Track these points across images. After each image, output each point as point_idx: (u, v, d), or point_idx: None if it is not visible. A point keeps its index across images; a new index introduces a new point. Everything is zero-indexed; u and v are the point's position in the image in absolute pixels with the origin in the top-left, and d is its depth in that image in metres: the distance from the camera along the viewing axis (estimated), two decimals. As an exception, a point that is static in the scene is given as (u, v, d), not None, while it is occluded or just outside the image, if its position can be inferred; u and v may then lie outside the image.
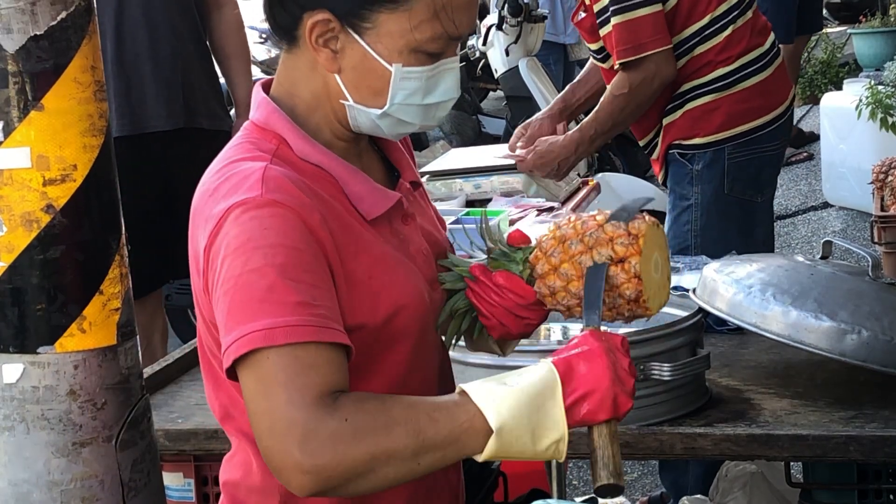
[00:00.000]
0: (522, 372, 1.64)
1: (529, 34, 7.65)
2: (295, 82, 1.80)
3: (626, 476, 4.66)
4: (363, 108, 1.76)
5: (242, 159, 1.73)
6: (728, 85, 3.56)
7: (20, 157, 1.65)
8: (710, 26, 3.56)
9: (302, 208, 1.66)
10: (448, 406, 1.61)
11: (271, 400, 1.57)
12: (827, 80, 9.67)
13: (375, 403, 1.60)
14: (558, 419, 1.62)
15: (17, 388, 1.69)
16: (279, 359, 1.58)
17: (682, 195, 3.62)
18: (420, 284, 1.80)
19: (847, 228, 7.16)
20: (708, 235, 3.56)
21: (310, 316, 1.60)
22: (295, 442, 1.55)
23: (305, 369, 1.58)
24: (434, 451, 1.59)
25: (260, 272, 1.61)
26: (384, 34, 1.71)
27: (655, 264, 1.77)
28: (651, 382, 2.30)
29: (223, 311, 1.63)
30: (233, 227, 1.64)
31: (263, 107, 1.80)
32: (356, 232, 1.74)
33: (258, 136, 1.78)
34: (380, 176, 1.87)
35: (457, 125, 9.28)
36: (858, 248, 2.71)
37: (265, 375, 1.59)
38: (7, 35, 1.64)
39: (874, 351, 2.30)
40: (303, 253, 1.64)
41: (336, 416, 1.56)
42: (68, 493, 1.70)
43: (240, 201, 1.65)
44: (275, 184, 1.67)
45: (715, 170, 3.57)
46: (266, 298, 1.60)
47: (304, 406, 1.56)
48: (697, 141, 3.57)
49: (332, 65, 1.74)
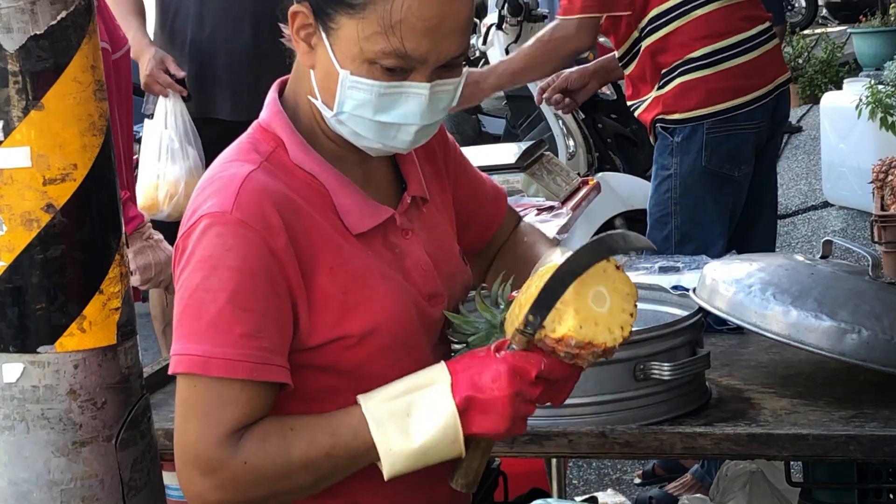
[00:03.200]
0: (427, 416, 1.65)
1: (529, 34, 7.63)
2: (299, 79, 1.81)
3: (625, 476, 4.67)
4: (324, 107, 1.76)
5: (235, 161, 1.76)
6: (709, 64, 3.78)
7: (20, 157, 1.65)
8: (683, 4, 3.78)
9: (268, 231, 1.68)
10: (347, 442, 1.67)
11: (187, 427, 1.68)
12: (827, 79, 9.68)
13: (275, 443, 1.66)
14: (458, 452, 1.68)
15: (17, 388, 1.69)
16: (205, 389, 1.67)
17: (664, 165, 3.86)
18: (404, 302, 1.79)
19: (847, 228, 7.16)
20: (685, 203, 3.81)
21: (251, 350, 1.66)
22: (201, 475, 1.66)
23: (222, 407, 1.66)
24: (330, 479, 1.70)
25: (213, 294, 1.66)
26: (342, 38, 1.70)
27: (595, 298, 1.68)
28: (651, 382, 2.30)
29: (177, 313, 1.70)
30: (200, 238, 1.69)
31: (270, 108, 1.81)
32: (336, 245, 1.74)
33: (259, 137, 1.79)
34: (385, 186, 1.85)
35: (457, 125, 9.27)
36: (858, 247, 2.71)
37: (187, 400, 1.68)
38: (7, 34, 1.64)
39: (874, 350, 2.30)
40: (258, 280, 1.67)
41: (237, 458, 1.65)
42: (68, 492, 1.70)
43: (210, 213, 1.69)
44: (248, 199, 1.69)
45: (693, 143, 3.80)
46: (212, 323, 1.66)
47: (208, 444, 1.66)
48: (678, 116, 3.81)
49: (308, 59, 1.76)
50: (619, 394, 2.30)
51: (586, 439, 2.28)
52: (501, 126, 9.22)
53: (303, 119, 1.79)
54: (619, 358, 2.30)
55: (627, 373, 2.30)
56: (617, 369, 2.30)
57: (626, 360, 2.30)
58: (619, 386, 2.30)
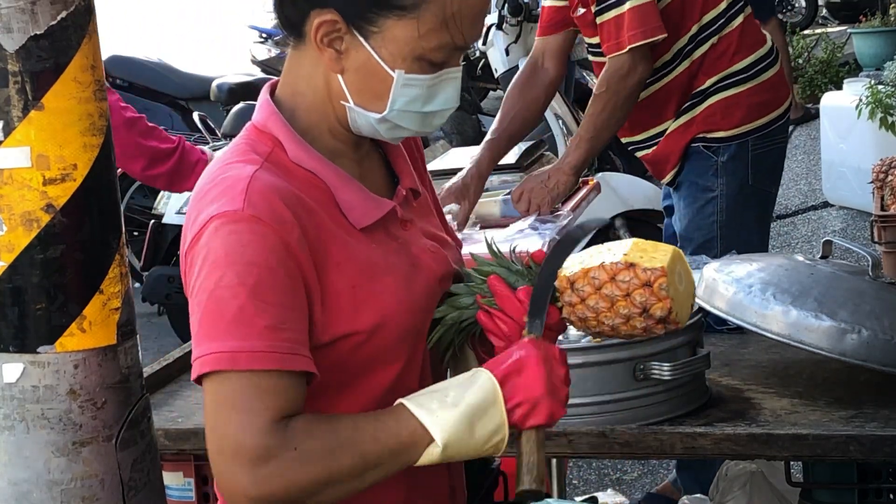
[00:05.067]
0: (463, 385, 1.69)
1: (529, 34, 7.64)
2: (299, 80, 1.80)
3: (625, 476, 4.67)
4: (363, 111, 1.76)
5: (235, 162, 1.74)
6: (748, 78, 3.64)
7: (20, 157, 1.65)
8: (727, 11, 3.63)
9: (281, 226, 1.67)
10: (390, 424, 1.66)
11: (225, 423, 1.63)
12: (827, 79, 9.67)
13: (323, 430, 1.64)
14: (501, 422, 1.68)
15: (17, 388, 1.69)
16: (238, 384, 1.62)
17: (706, 187, 3.65)
18: (411, 294, 1.79)
19: (847, 228, 7.16)
20: (732, 226, 3.60)
21: (276, 341, 1.64)
22: (243, 469, 1.60)
23: (261, 396, 1.62)
24: (377, 469, 1.67)
25: (232, 290, 1.64)
26: (390, 39, 1.71)
27: (679, 277, 1.77)
28: (651, 382, 2.30)
29: (195, 321, 1.67)
30: (212, 239, 1.66)
31: (264, 109, 1.80)
32: (341, 241, 1.74)
33: (256, 138, 1.78)
34: (380, 181, 1.86)
35: (457, 125, 9.27)
36: (858, 247, 2.71)
37: (223, 398, 1.63)
38: (7, 35, 1.64)
39: (874, 350, 2.30)
40: (277, 273, 1.66)
41: (285, 445, 1.61)
42: (68, 492, 1.70)
43: (221, 213, 1.67)
44: (258, 197, 1.68)
45: (739, 161, 3.63)
46: (235, 320, 1.63)
47: (254, 433, 1.61)
48: (722, 134, 3.63)
49: (336, 65, 1.74)
50: (619, 394, 2.31)
51: (586, 439, 2.28)
52: (501, 126, 9.21)
53: (300, 119, 1.79)
54: (620, 358, 2.31)
55: (627, 373, 2.30)
56: (617, 369, 2.30)
57: (626, 360, 2.31)
58: (619, 386, 2.30)
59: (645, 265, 1.73)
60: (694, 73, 3.63)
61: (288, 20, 1.77)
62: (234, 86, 8.47)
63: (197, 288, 1.67)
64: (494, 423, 1.67)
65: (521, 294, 1.78)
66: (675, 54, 3.62)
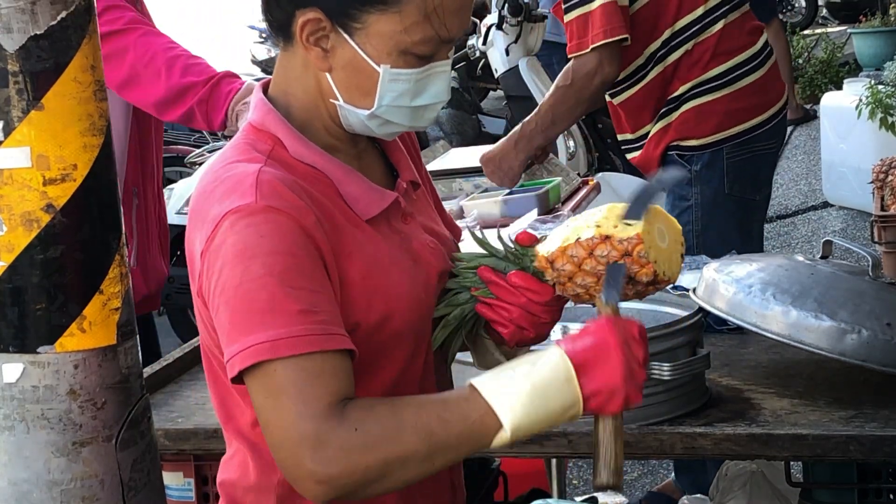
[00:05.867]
0: (535, 362, 1.63)
1: (529, 34, 7.65)
2: (290, 81, 1.80)
3: (625, 476, 4.67)
4: (352, 108, 1.76)
5: (238, 161, 1.73)
6: (723, 85, 3.57)
7: (20, 157, 1.65)
8: (703, 18, 3.57)
9: (297, 211, 1.66)
10: (459, 405, 1.62)
11: (281, 413, 1.59)
12: (827, 79, 9.68)
13: (385, 409, 1.61)
14: (575, 395, 1.62)
15: (17, 388, 1.69)
16: (285, 371, 1.60)
17: (682, 196, 3.61)
18: (415, 287, 1.79)
19: (847, 228, 7.16)
20: (709, 235, 3.55)
21: (312, 324, 1.61)
22: (307, 453, 1.57)
23: (312, 379, 1.59)
24: (446, 452, 1.62)
25: (260, 282, 1.61)
26: (374, 35, 1.71)
27: (660, 234, 1.76)
28: (651, 382, 2.30)
29: (224, 320, 1.64)
30: (229, 235, 1.64)
31: (260, 108, 1.80)
32: (350, 233, 1.74)
33: (254, 137, 1.78)
34: (379, 176, 1.87)
35: (457, 125, 9.27)
36: (858, 247, 2.71)
37: (273, 388, 1.60)
38: (7, 35, 1.64)
39: (874, 350, 2.30)
40: (300, 258, 1.64)
41: (346, 426, 1.58)
42: (68, 492, 1.70)
43: (234, 208, 1.65)
44: (269, 188, 1.67)
45: (714, 170, 3.57)
46: (268, 309, 1.61)
47: (313, 417, 1.58)
48: (694, 142, 3.58)
49: (323, 63, 1.74)
50: (619, 394, 2.30)
51: (586, 439, 2.28)
52: (501, 126, 9.23)
53: (296, 116, 1.79)
54: (619, 358, 2.31)
55: (627, 373, 2.30)
56: (617, 369, 2.30)
57: (626, 360, 2.30)
58: (619, 386, 2.30)
59: (620, 235, 1.71)
60: (668, 78, 3.59)
61: (275, 22, 1.77)
62: (233, 86, 8.45)
63: (220, 286, 1.64)
64: (568, 398, 1.62)
65: (512, 279, 1.78)
66: (648, 58, 3.59)
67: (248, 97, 3.25)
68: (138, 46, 3.29)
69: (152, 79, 3.28)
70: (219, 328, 1.65)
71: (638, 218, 1.73)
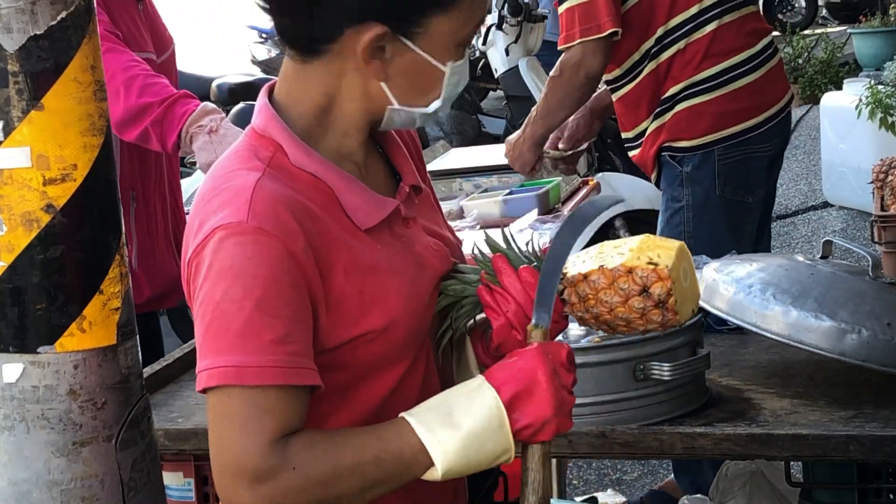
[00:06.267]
0: (471, 405, 1.66)
1: (529, 34, 7.65)
2: (305, 91, 1.77)
3: (625, 476, 4.67)
4: (409, 109, 1.77)
5: (238, 169, 1.73)
6: (717, 86, 3.56)
7: (20, 157, 1.65)
8: (697, 17, 3.57)
9: (287, 236, 1.66)
10: (394, 443, 1.66)
11: (227, 440, 1.63)
12: (827, 79, 9.67)
13: (324, 449, 1.64)
14: (507, 443, 1.67)
15: (17, 388, 1.69)
16: (241, 400, 1.62)
17: (674, 197, 3.62)
18: (416, 294, 1.78)
19: (847, 228, 7.16)
20: (700, 236, 3.55)
21: (282, 355, 1.63)
22: (244, 485, 1.61)
23: (264, 415, 1.62)
24: (377, 487, 1.67)
25: (239, 304, 1.63)
26: (436, 35, 1.72)
27: (684, 273, 1.76)
28: (651, 382, 2.30)
29: (199, 332, 1.66)
30: (216, 250, 1.65)
31: (263, 113, 1.79)
32: (347, 245, 1.73)
33: (256, 143, 1.77)
34: (382, 179, 1.86)
35: (457, 125, 9.27)
36: (858, 247, 2.71)
37: (226, 412, 1.63)
38: (7, 35, 1.64)
39: (874, 350, 2.30)
40: (282, 285, 1.65)
41: (286, 466, 1.61)
42: (68, 492, 1.70)
43: (225, 224, 1.66)
44: (262, 207, 1.67)
45: (705, 172, 3.57)
46: (241, 333, 1.63)
47: (255, 453, 1.61)
48: (685, 143, 3.58)
49: (381, 74, 1.74)
50: (619, 394, 2.30)
51: (586, 439, 2.28)
52: (501, 126, 9.23)
53: (298, 122, 1.78)
54: (619, 358, 2.31)
55: (627, 373, 2.30)
56: (617, 369, 2.30)
57: (626, 360, 2.30)
58: (619, 386, 2.30)
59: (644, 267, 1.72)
60: (662, 77, 3.59)
61: (305, 36, 1.74)
62: (234, 86, 8.47)
63: (201, 299, 1.66)
64: (500, 446, 1.66)
65: (523, 273, 1.78)
66: (644, 55, 3.59)
67: (202, 119, 3.25)
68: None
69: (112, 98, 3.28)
70: (196, 339, 1.68)
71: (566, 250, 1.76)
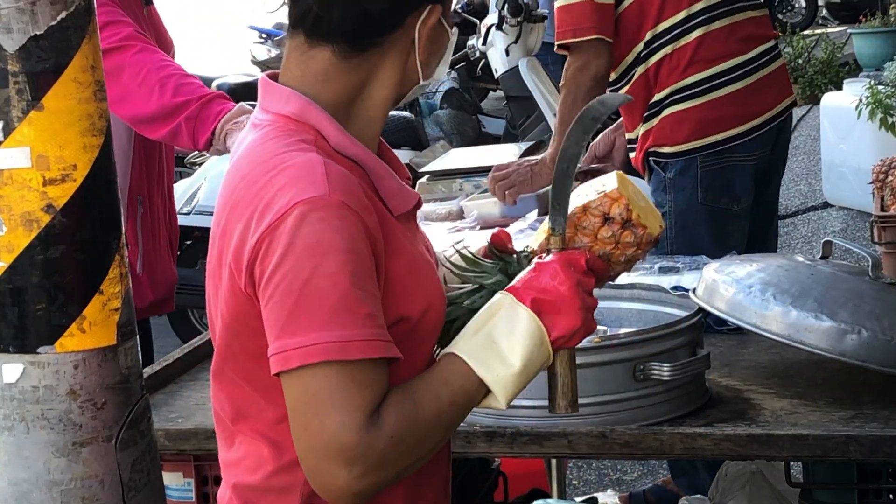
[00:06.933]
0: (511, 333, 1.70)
1: (529, 34, 7.64)
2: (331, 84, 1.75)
3: (625, 476, 4.67)
4: (428, 81, 1.80)
5: (289, 150, 1.68)
6: (700, 93, 3.55)
7: (20, 157, 1.66)
8: (684, 23, 3.56)
9: (364, 212, 1.65)
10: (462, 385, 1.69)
11: (322, 420, 1.59)
12: (827, 79, 9.66)
13: (410, 410, 1.64)
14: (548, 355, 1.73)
15: (17, 388, 1.69)
16: (339, 377, 1.59)
17: (658, 203, 3.59)
18: (440, 280, 1.81)
19: (847, 228, 7.16)
20: (683, 242, 3.53)
21: (378, 329, 1.62)
22: (346, 466, 1.59)
23: (359, 389, 1.60)
24: (454, 428, 1.73)
25: (333, 279, 1.60)
26: (447, 3, 1.77)
27: (635, 193, 1.83)
28: (651, 382, 2.30)
29: (283, 310, 1.61)
30: (300, 226, 1.61)
31: (294, 100, 1.74)
32: (392, 228, 1.73)
33: (294, 127, 1.73)
34: None
35: (457, 125, 9.28)
36: (858, 248, 2.71)
37: (320, 392, 1.60)
38: (7, 35, 1.64)
39: (874, 351, 2.30)
40: (366, 258, 1.64)
41: (383, 436, 1.60)
42: (68, 492, 1.71)
43: (306, 199, 1.62)
44: (339, 182, 1.65)
45: (687, 178, 3.56)
46: (339, 308, 1.60)
47: (355, 431, 1.58)
48: (668, 150, 3.57)
49: (424, 53, 1.77)
50: (619, 394, 2.31)
51: (586, 439, 2.28)
52: (501, 126, 9.23)
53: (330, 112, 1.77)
54: (619, 358, 2.31)
55: (627, 373, 2.30)
56: (617, 370, 2.30)
57: (626, 360, 2.30)
58: (619, 386, 2.30)
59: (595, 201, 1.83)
60: (651, 82, 3.58)
61: (363, 30, 1.73)
62: (234, 86, 8.48)
63: (285, 275, 1.61)
64: (542, 360, 1.72)
65: None
66: (635, 59, 3.60)
67: (239, 117, 3.26)
68: (133, 64, 3.29)
69: (145, 96, 3.28)
70: (272, 317, 1.62)
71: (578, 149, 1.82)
